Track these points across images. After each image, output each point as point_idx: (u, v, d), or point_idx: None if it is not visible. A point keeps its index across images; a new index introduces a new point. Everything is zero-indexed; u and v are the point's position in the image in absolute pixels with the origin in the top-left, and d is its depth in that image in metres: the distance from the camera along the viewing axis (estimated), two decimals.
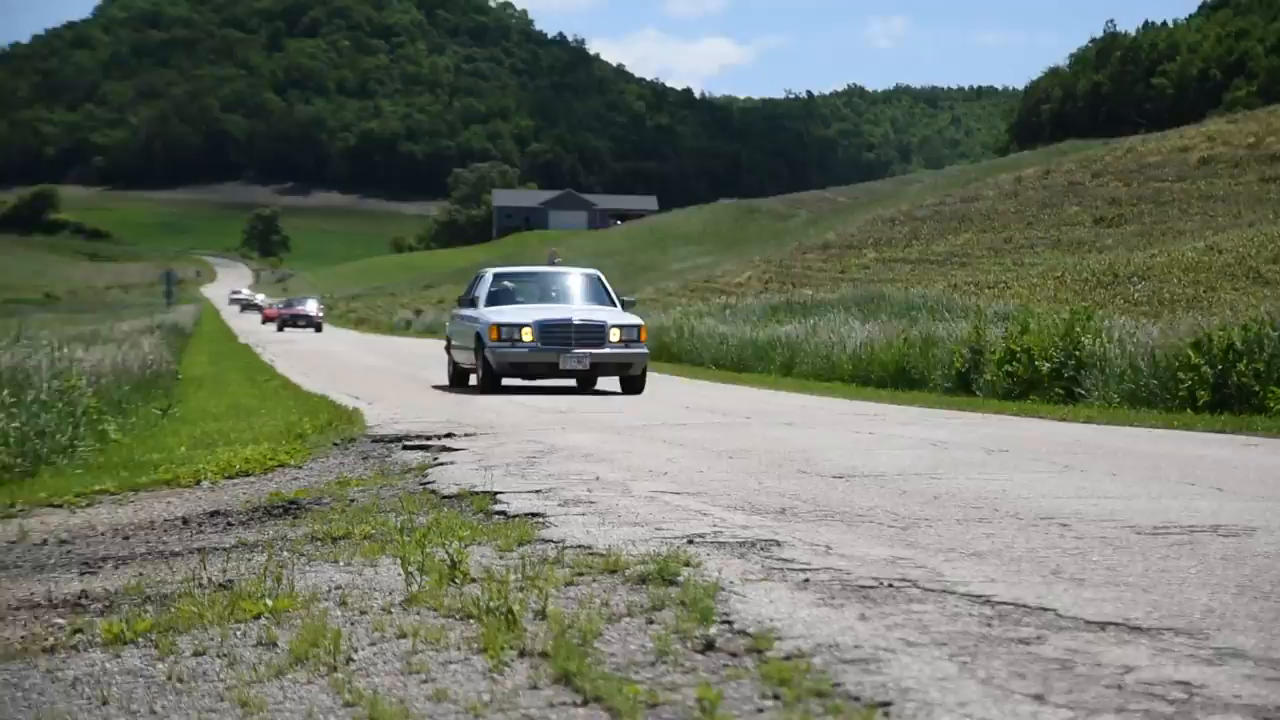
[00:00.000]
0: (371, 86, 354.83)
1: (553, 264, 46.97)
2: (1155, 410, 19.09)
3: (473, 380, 25.39)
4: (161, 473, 13.25)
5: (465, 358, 25.35)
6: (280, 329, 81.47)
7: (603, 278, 26.73)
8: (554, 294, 25.92)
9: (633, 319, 24.60)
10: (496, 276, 26.42)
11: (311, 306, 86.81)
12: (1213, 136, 70.51)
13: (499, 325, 23.49)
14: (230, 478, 12.79)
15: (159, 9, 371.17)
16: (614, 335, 23.83)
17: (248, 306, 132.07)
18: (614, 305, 25.62)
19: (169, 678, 5.43)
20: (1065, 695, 4.19)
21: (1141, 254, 45.60)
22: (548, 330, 23.60)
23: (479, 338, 23.92)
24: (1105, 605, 5.49)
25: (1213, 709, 4.02)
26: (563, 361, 23.49)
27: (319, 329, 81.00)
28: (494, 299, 25.23)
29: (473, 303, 25.48)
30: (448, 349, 27.28)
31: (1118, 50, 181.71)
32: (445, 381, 26.86)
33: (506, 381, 24.30)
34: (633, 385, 24.07)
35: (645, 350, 24.31)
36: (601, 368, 23.86)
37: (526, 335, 23.46)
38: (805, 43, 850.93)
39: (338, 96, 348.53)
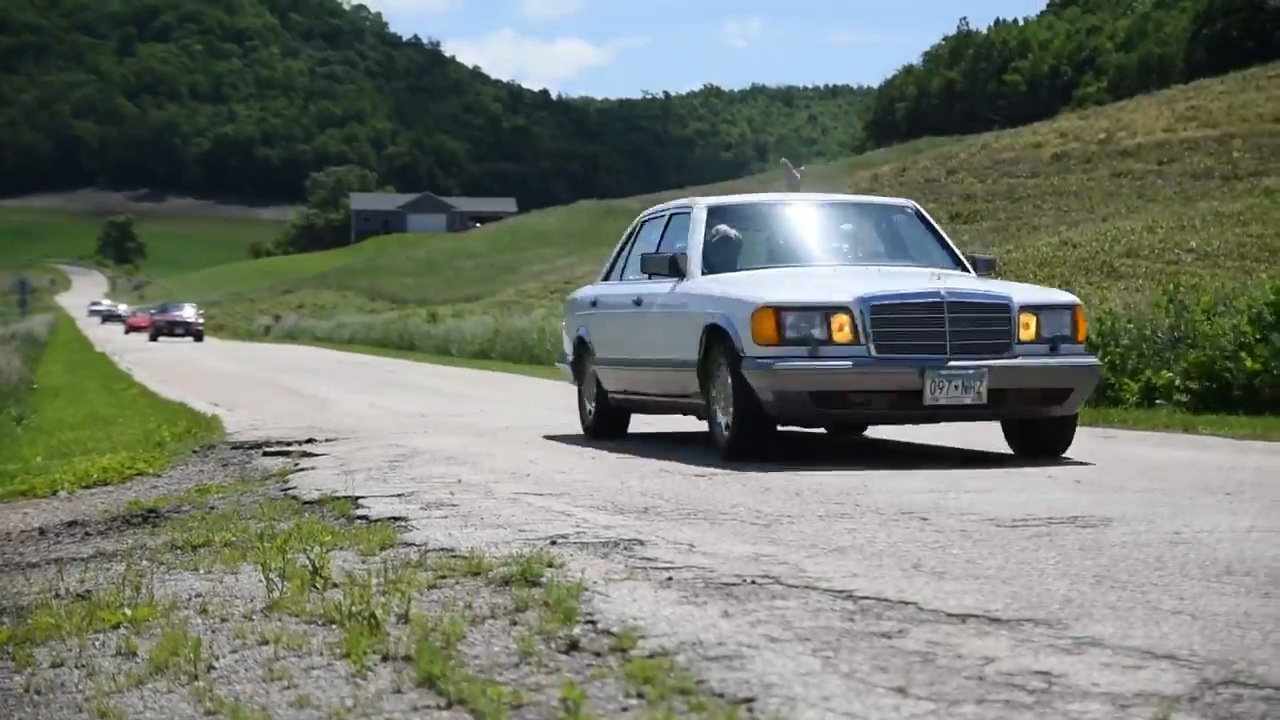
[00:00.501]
0: (225, 91, 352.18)
1: (794, 177, 29.20)
2: None
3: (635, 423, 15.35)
4: (17, 483, 13.09)
5: (641, 381, 13.80)
6: (154, 338, 76.92)
7: (923, 211, 14.08)
8: (830, 247, 13.54)
9: (1060, 296, 12.27)
10: (713, 213, 13.40)
11: (189, 312, 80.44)
12: (1065, 133, 71.25)
13: (781, 308, 11.22)
14: (88, 487, 12.64)
15: (6, 14, 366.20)
16: (1025, 326, 11.45)
17: (109, 317, 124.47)
18: (962, 265, 13.28)
19: (26, 689, 5.35)
20: (927, 687, 4.22)
21: (998, 249, 45.98)
22: (892, 315, 11.26)
23: (714, 337, 11.89)
24: (966, 598, 5.53)
25: (1072, 697, 4.06)
26: (932, 388, 11.02)
27: (199, 338, 76.58)
28: (717, 260, 12.97)
29: (671, 267, 12.94)
30: (575, 365, 15.47)
31: (970, 48, 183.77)
32: (319, 390, 26.40)
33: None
34: (1058, 437, 11.75)
35: (1093, 362, 11.98)
36: (1014, 398, 11.35)
37: (842, 329, 11.16)
38: (662, 43, 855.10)
39: (191, 101, 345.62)
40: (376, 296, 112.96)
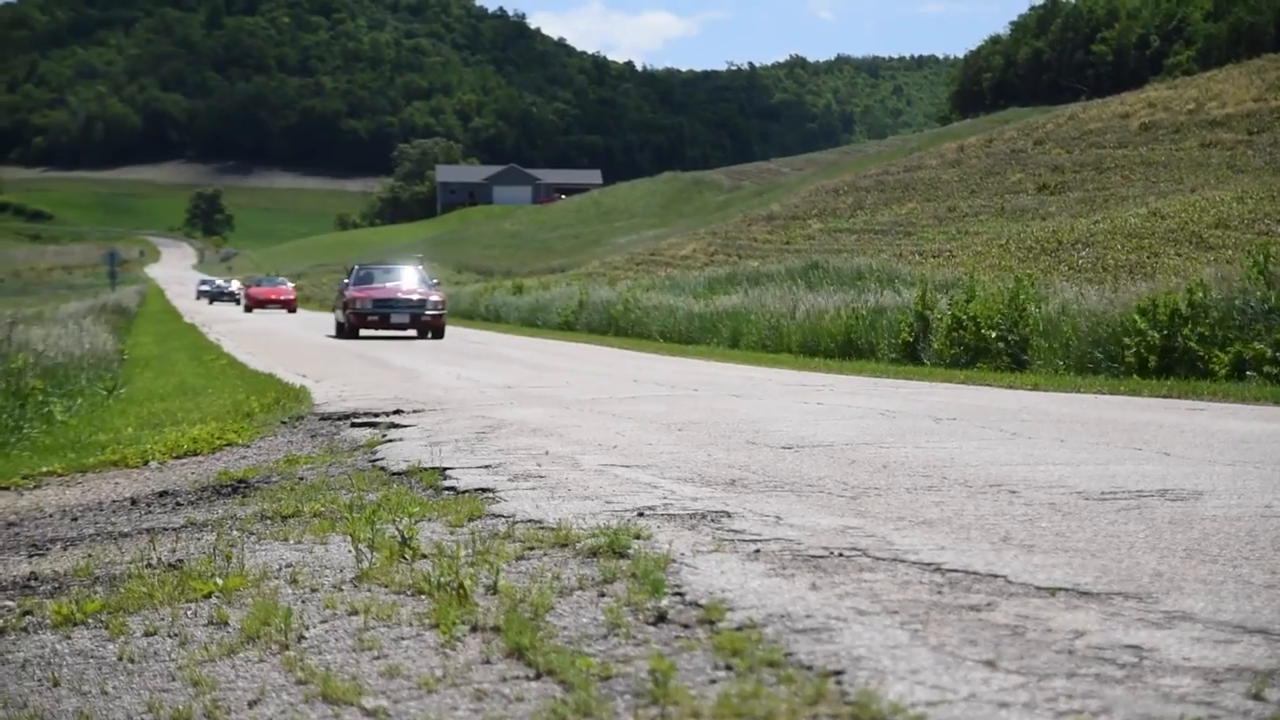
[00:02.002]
0: (312, 63, 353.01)
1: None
2: (1101, 376, 19.19)
3: None
4: (108, 453, 13.21)
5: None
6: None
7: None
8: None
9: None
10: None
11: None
12: (1153, 103, 70.73)
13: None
14: (178, 458, 12.75)
15: None
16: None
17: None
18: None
19: (120, 658, 5.41)
20: (1016, 661, 4.20)
21: (1085, 220, 45.72)
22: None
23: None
24: (1055, 571, 5.51)
25: (1163, 672, 4.04)
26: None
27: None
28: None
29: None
30: None
31: (1058, 17, 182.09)
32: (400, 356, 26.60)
33: None
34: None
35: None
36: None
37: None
38: (746, 14, 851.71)
39: (278, 74, 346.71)
40: (463, 268, 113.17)
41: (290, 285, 78.76)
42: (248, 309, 73.73)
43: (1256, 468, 8.74)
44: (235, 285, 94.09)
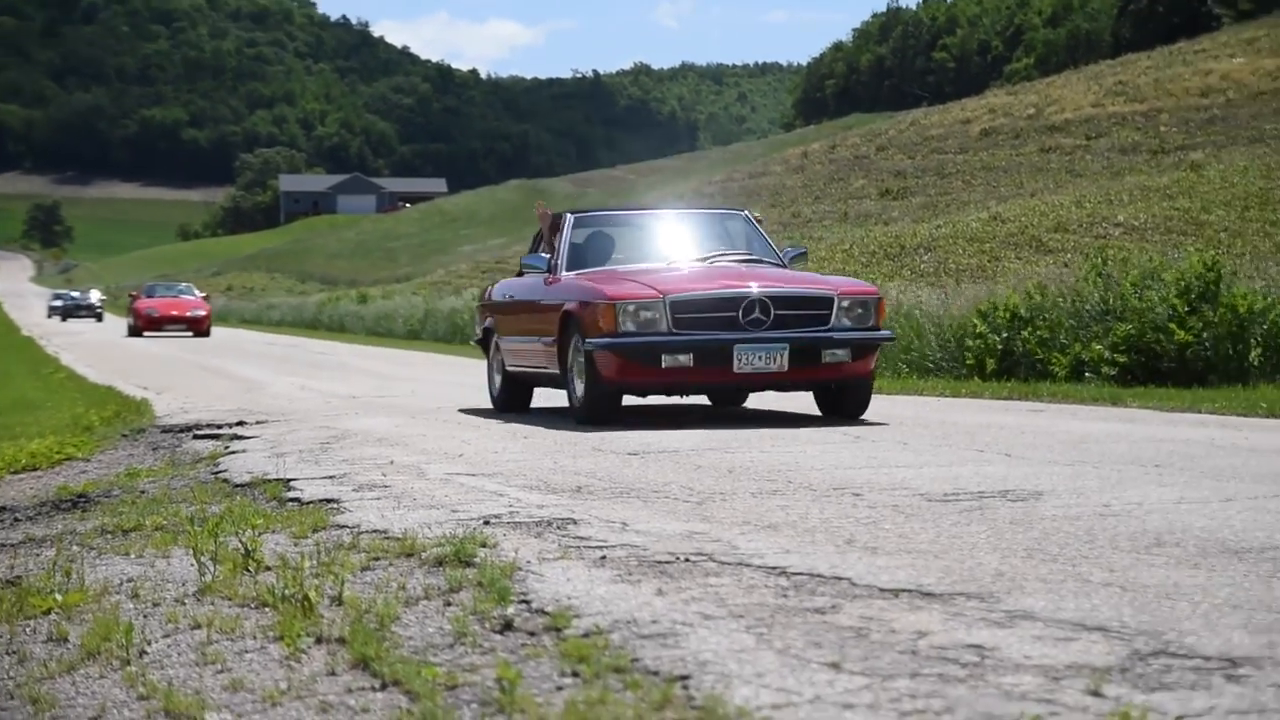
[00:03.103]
0: (153, 72, 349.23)
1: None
2: (944, 379, 19.39)
3: None
4: None
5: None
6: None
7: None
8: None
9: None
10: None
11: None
12: (994, 108, 71.55)
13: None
14: (15, 473, 12.55)
15: None
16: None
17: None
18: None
19: None
20: (861, 662, 4.23)
21: (927, 225, 46.12)
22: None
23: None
24: (898, 572, 5.55)
25: (1004, 670, 4.08)
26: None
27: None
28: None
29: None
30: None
31: (900, 25, 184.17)
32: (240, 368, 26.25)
33: None
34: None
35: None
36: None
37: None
38: (592, 23, 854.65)
39: (118, 83, 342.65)
40: (306, 278, 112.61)
41: (199, 296, 56.46)
42: (135, 332, 52.18)
43: (1095, 467, 8.86)
44: (95, 296, 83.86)
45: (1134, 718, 3.53)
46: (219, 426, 14.48)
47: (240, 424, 14.64)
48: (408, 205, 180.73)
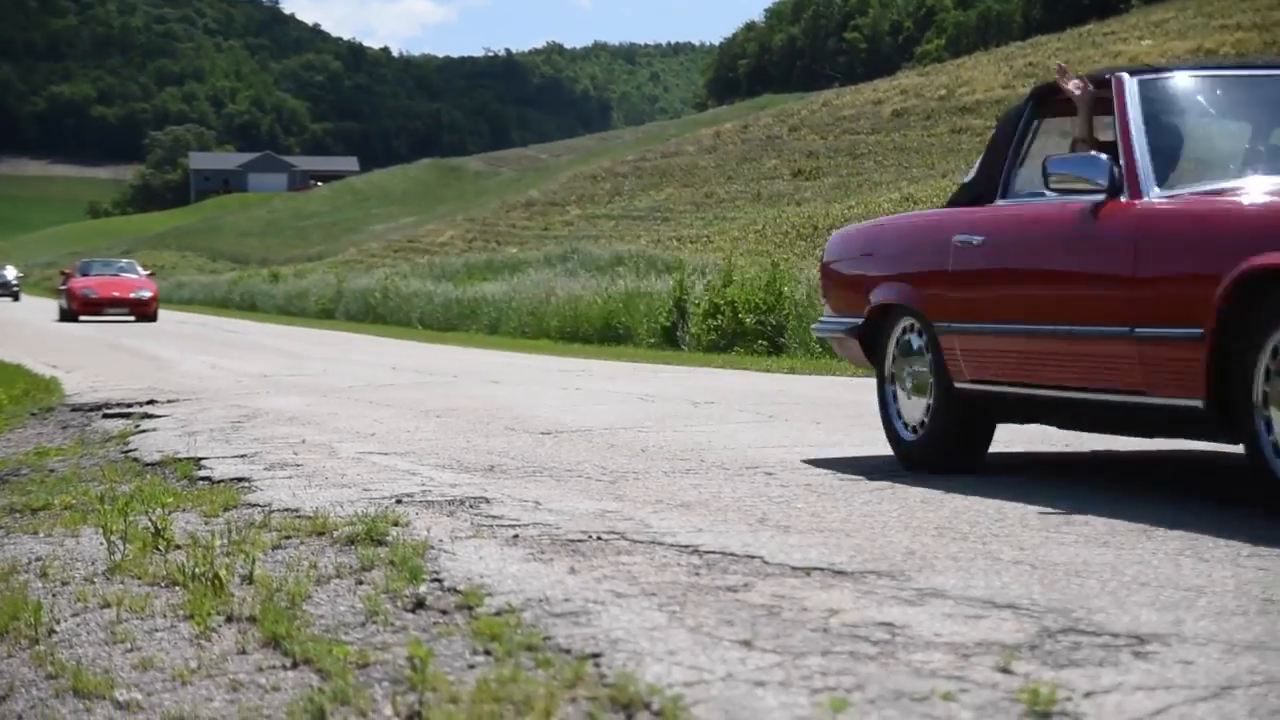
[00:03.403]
0: (61, 48, 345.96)
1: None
2: None
3: None
4: None
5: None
6: None
7: None
8: None
9: None
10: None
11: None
12: (905, 89, 71.91)
13: None
14: None
15: None
16: None
17: None
18: None
19: None
20: (772, 640, 4.24)
21: (839, 205, 46.34)
22: None
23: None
24: (810, 551, 5.57)
25: (915, 648, 4.10)
26: None
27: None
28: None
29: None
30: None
31: (811, 5, 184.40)
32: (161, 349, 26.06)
33: None
34: None
35: None
36: None
37: None
38: (505, 2, 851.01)
39: (26, 59, 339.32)
40: (217, 256, 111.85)
41: (144, 274, 48.20)
42: (69, 316, 44.85)
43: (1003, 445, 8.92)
44: (11, 273, 77.45)
45: (1043, 694, 3.55)
46: (129, 405, 14.36)
47: (151, 403, 14.53)
48: (319, 184, 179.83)
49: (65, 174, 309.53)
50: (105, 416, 13.61)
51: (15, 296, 73.77)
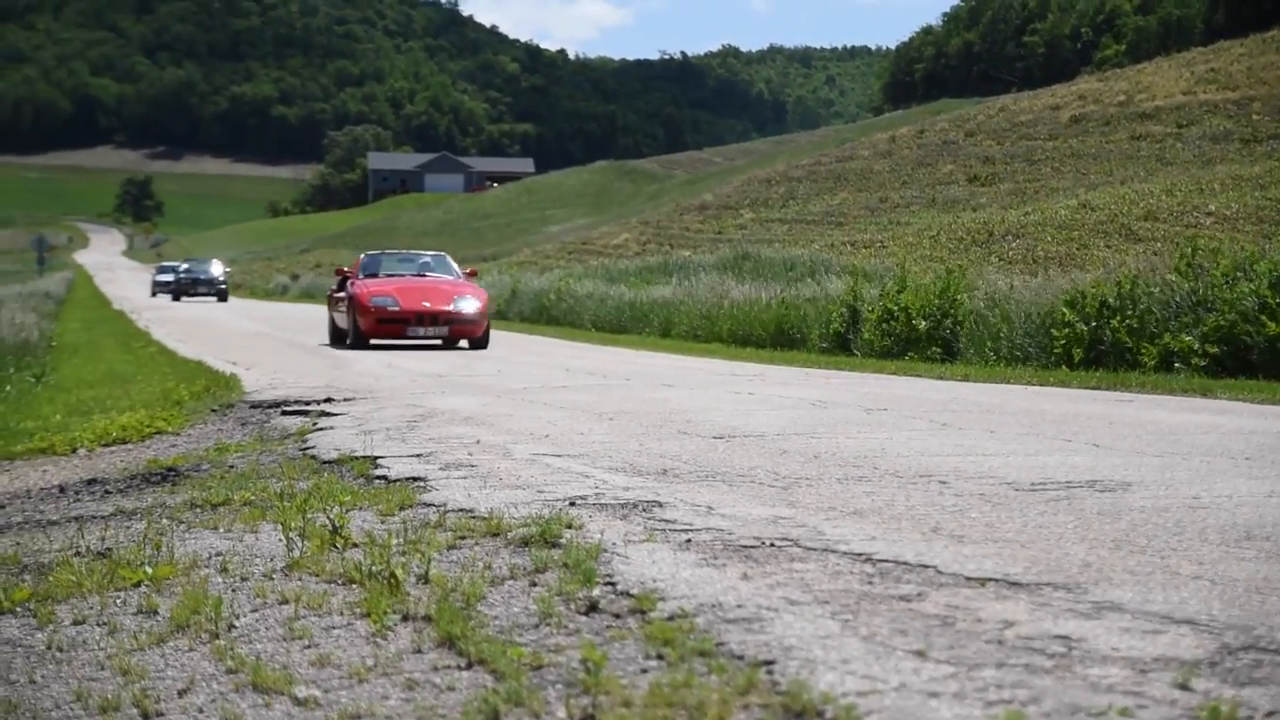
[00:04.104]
0: (243, 49, 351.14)
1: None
2: (1031, 367, 19.28)
3: None
4: (36, 441, 13.12)
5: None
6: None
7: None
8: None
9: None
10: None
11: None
12: (1083, 95, 71.14)
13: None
14: (107, 445, 12.68)
15: None
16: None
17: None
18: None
19: (48, 647, 5.37)
20: (946, 651, 4.22)
21: (1015, 212, 45.94)
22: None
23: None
24: (985, 561, 5.53)
25: (1091, 662, 4.06)
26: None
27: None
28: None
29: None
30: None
31: (989, 9, 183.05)
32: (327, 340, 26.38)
33: None
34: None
35: None
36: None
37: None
38: (680, 4, 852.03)
39: (209, 60, 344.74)
40: None
41: (460, 275, 30.13)
42: (355, 338, 27.42)
43: (1184, 459, 8.80)
44: (217, 269, 69.94)
45: (1224, 712, 3.51)
46: (307, 403, 14.56)
47: (328, 400, 14.72)
48: (495, 185, 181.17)
49: (246, 173, 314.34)
50: (284, 414, 13.80)
51: (222, 296, 67.51)
